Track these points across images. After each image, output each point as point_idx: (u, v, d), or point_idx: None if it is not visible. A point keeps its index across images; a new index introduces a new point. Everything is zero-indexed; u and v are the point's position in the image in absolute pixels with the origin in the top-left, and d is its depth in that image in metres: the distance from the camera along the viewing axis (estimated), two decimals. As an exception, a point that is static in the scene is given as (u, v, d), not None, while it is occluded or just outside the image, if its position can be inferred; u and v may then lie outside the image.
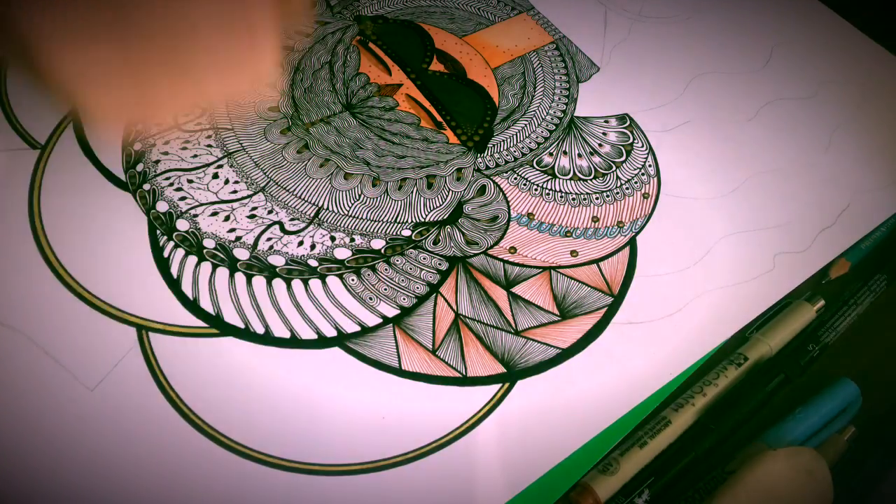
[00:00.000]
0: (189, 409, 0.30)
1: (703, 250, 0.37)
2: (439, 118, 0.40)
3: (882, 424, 0.33)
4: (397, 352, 0.33)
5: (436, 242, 0.36)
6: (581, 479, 0.30)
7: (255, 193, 0.37)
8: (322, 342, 0.33)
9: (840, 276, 0.37)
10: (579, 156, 0.40)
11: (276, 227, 0.36)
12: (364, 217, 0.37)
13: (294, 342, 0.33)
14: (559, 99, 0.42)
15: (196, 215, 0.35)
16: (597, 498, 0.30)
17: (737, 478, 0.29)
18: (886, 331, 0.36)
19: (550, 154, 0.40)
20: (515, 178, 0.39)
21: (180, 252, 0.34)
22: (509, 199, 0.38)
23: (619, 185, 0.39)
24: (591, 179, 0.39)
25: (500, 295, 0.35)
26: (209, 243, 0.35)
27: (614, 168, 0.40)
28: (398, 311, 0.34)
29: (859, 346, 0.35)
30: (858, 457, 0.32)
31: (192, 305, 0.33)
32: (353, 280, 0.35)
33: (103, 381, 0.31)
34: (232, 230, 0.35)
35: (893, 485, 0.31)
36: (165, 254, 0.34)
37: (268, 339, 0.33)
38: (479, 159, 0.39)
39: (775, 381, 0.33)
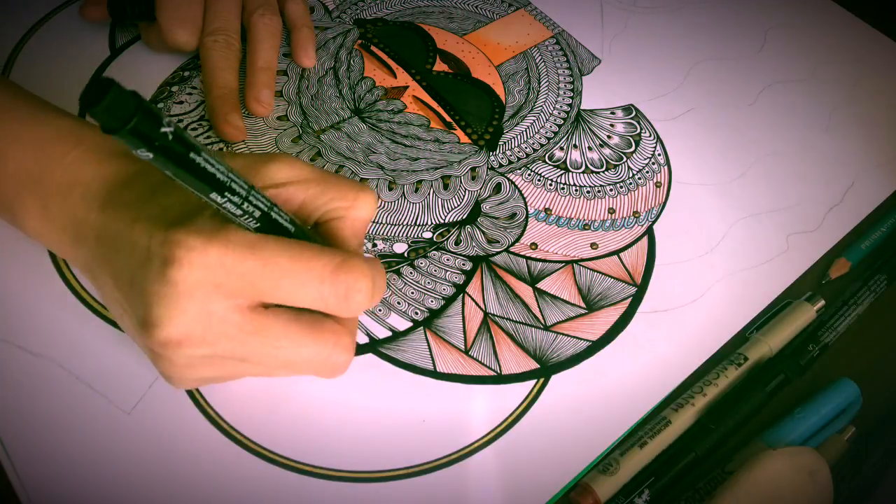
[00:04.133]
0: (229, 425, 0.30)
1: (720, 235, 0.38)
2: (448, 118, 0.41)
3: (882, 424, 0.33)
4: (430, 354, 0.33)
5: (457, 243, 0.36)
6: (581, 479, 0.30)
7: (272, 204, 0.36)
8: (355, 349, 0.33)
9: (840, 276, 0.38)
10: (589, 149, 0.40)
11: (298, 236, 0.35)
12: (384, 221, 0.36)
13: (327, 351, 0.32)
14: (564, 93, 0.43)
15: (216, 229, 0.35)
16: (597, 498, 0.30)
17: (737, 478, 0.30)
18: (886, 331, 0.36)
19: (561, 148, 0.40)
20: (529, 175, 0.39)
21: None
22: (525, 195, 0.38)
23: (631, 175, 0.40)
24: (603, 171, 0.40)
25: (526, 291, 0.35)
26: (232, 257, 0.34)
27: (625, 159, 0.40)
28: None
29: (859, 346, 0.36)
30: (858, 457, 0.32)
31: (222, 321, 0.33)
32: (379, 285, 0.34)
33: (139, 404, 0.30)
34: (253, 242, 0.35)
35: (893, 485, 0.31)
36: (189, 270, 0.34)
37: (301, 349, 0.32)
38: (492, 157, 0.39)
39: (775, 381, 0.33)
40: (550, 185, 0.39)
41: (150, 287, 0.24)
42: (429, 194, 0.38)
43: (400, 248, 0.36)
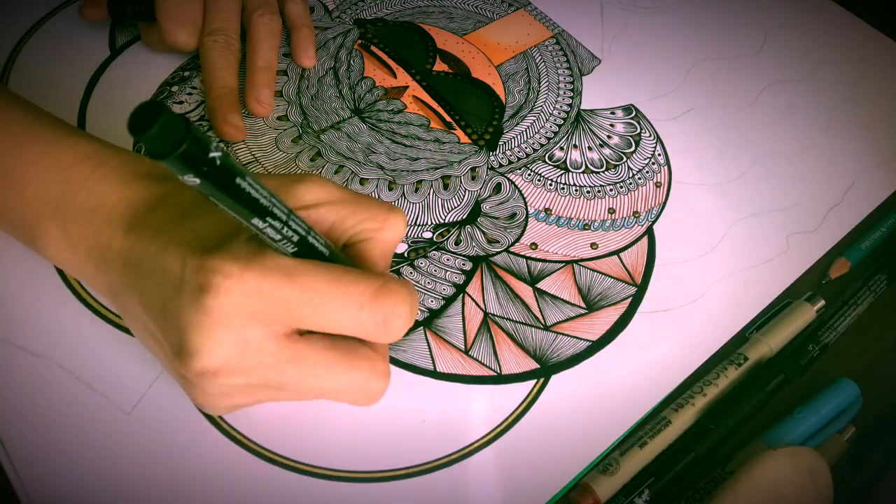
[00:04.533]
0: (229, 425, 0.30)
1: (720, 235, 0.38)
2: (448, 118, 0.41)
3: (882, 424, 0.33)
4: (430, 354, 0.33)
5: (457, 243, 0.36)
6: (581, 479, 0.30)
7: (272, 204, 0.36)
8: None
9: (840, 276, 0.37)
10: (589, 149, 0.40)
11: (298, 236, 0.35)
12: (384, 221, 0.36)
13: (327, 351, 0.32)
14: (564, 93, 0.43)
15: (216, 229, 0.35)
16: (597, 498, 0.30)
17: (737, 478, 0.30)
18: (886, 331, 0.36)
19: (561, 148, 0.40)
20: (529, 175, 0.39)
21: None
22: (525, 195, 0.38)
23: (631, 175, 0.40)
24: (603, 171, 0.40)
25: (526, 291, 0.35)
26: (232, 257, 0.34)
27: (625, 159, 0.40)
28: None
29: (859, 346, 0.35)
30: (858, 457, 0.32)
31: (222, 321, 0.33)
32: (379, 285, 0.34)
33: (140, 403, 0.30)
34: (253, 242, 0.35)
35: (893, 485, 0.31)
36: (189, 270, 0.34)
37: (301, 349, 0.32)
38: (492, 157, 0.39)
39: (775, 381, 0.33)
40: (550, 185, 0.39)
41: (185, 315, 0.23)
42: (429, 194, 0.38)
43: (400, 248, 0.36)
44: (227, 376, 0.24)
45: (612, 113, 0.42)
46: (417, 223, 0.37)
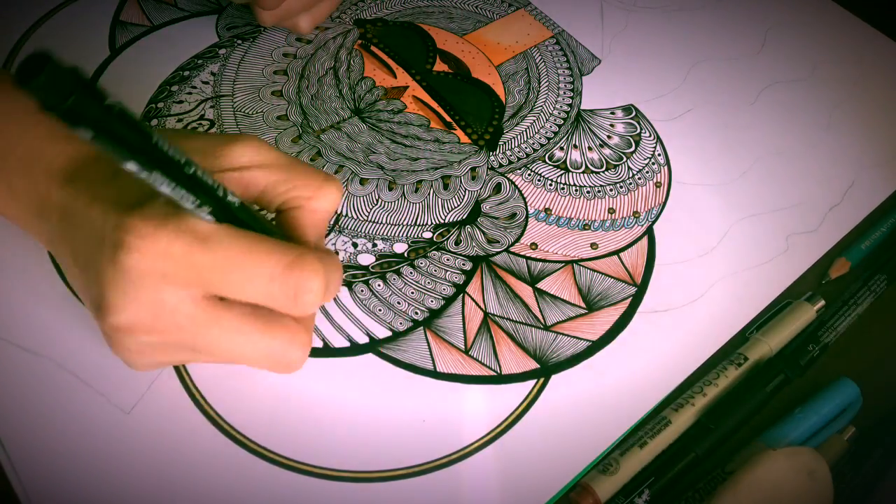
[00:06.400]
0: (229, 425, 0.30)
1: (719, 235, 0.38)
2: (448, 118, 0.41)
3: (882, 424, 0.33)
4: (430, 354, 0.33)
5: (457, 243, 0.36)
6: (581, 479, 0.30)
7: (272, 204, 0.36)
8: (355, 349, 0.33)
9: (840, 276, 0.37)
10: (589, 149, 0.40)
11: (298, 236, 0.35)
12: (384, 221, 0.36)
13: (327, 351, 0.32)
14: (564, 93, 0.43)
15: (216, 229, 0.35)
16: (597, 498, 0.30)
17: (737, 478, 0.30)
18: (886, 331, 0.36)
19: (561, 148, 0.40)
20: (529, 175, 0.39)
21: (204, 267, 0.34)
22: (525, 195, 0.38)
23: (631, 175, 0.40)
24: (603, 171, 0.40)
25: (526, 291, 0.35)
26: (232, 257, 0.34)
27: (625, 159, 0.40)
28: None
29: (859, 346, 0.35)
30: (858, 457, 0.32)
31: (221, 321, 0.33)
32: (379, 285, 0.35)
33: (139, 403, 0.30)
34: (253, 242, 0.35)
35: (893, 485, 0.31)
36: (189, 270, 0.34)
37: (300, 349, 0.32)
38: (492, 157, 0.39)
39: (775, 381, 0.33)
40: (550, 185, 0.39)
41: (104, 270, 0.24)
42: (429, 194, 0.38)
43: (400, 248, 0.36)
44: (142, 334, 0.25)
45: (612, 113, 0.42)
46: (417, 223, 0.37)
